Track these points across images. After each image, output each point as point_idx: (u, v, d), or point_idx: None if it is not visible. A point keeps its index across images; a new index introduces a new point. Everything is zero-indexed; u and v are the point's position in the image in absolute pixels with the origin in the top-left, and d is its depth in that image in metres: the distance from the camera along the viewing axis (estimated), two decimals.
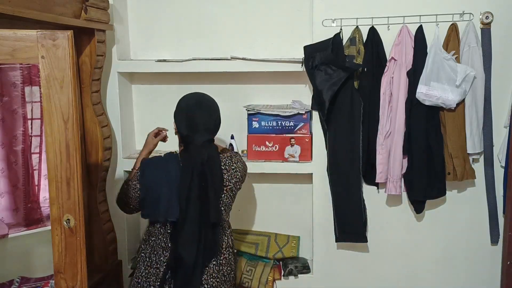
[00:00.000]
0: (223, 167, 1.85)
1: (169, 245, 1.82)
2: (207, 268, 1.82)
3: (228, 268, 1.89)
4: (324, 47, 2.27)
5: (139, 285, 1.86)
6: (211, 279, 1.83)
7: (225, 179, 1.85)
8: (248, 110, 2.40)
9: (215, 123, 1.87)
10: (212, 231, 1.81)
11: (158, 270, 1.82)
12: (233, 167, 1.88)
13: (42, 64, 1.30)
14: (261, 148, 2.40)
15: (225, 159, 1.88)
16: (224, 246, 1.87)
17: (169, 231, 1.83)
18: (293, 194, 2.63)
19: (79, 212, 1.38)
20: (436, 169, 2.27)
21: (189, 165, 1.79)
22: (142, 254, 1.89)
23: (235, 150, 2.47)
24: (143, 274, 1.86)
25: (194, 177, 1.77)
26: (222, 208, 1.86)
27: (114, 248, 2.45)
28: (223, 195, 1.85)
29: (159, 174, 1.82)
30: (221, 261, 1.86)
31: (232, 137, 2.52)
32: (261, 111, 2.38)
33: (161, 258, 1.83)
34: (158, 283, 1.81)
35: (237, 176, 1.89)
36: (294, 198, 2.63)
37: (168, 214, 1.80)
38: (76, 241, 1.39)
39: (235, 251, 2.03)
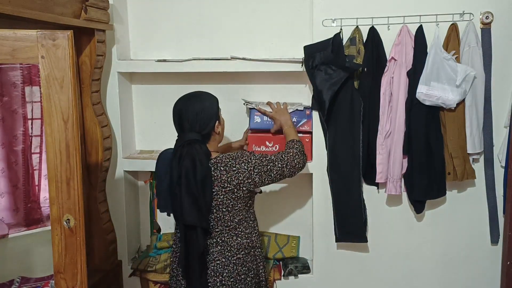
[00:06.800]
0: (222, 168, 1.81)
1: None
2: (212, 266, 1.85)
3: (244, 268, 1.90)
4: (324, 47, 2.27)
5: (172, 278, 1.99)
6: (219, 277, 1.86)
7: (223, 181, 1.80)
8: (246, 104, 2.37)
9: (194, 120, 1.83)
10: (191, 232, 1.79)
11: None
12: (234, 168, 1.81)
13: (42, 64, 1.30)
14: (261, 148, 2.39)
15: (227, 159, 1.83)
16: (236, 247, 1.88)
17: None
18: (293, 194, 2.63)
19: (79, 212, 1.39)
20: (436, 169, 2.27)
21: (172, 164, 1.84)
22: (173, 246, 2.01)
23: None
24: (173, 266, 1.97)
25: (173, 178, 1.82)
26: (224, 209, 1.83)
27: (114, 248, 2.45)
28: (222, 196, 1.82)
29: (164, 166, 1.90)
30: (234, 261, 1.88)
31: None
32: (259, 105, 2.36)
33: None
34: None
35: (240, 178, 1.81)
36: (294, 198, 2.63)
37: (162, 207, 1.92)
38: (76, 241, 1.40)
39: (259, 251, 2.01)
